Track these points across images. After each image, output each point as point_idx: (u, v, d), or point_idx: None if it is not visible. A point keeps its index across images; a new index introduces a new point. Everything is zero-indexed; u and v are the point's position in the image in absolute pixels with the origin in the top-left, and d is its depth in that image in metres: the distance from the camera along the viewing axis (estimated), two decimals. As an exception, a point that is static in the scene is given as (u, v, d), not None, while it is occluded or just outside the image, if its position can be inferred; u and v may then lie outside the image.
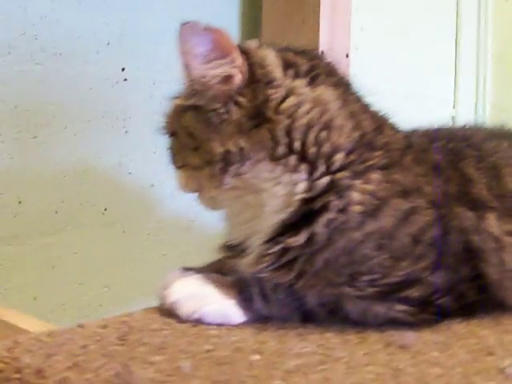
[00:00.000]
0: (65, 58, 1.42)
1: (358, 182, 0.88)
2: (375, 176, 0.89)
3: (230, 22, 1.70)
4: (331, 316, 0.89)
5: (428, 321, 0.89)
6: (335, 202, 0.87)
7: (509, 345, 0.85)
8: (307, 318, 0.90)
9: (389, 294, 0.88)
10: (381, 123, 0.95)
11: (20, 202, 1.38)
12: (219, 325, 0.89)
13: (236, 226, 1.00)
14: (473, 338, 0.87)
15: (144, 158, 1.54)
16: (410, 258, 0.89)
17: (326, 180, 0.89)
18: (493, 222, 0.95)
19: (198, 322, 0.89)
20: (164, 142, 1.53)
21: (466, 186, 0.97)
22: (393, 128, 0.98)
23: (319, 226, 0.87)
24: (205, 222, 1.62)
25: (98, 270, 1.48)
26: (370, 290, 0.87)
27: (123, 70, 1.50)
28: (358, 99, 0.98)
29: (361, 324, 0.89)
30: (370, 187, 0.88)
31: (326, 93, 0.92)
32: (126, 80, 1.50)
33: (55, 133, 1.41)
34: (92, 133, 1.46)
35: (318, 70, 0.95)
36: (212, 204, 1.01)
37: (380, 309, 0.88)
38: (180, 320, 0.90)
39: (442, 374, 0.74)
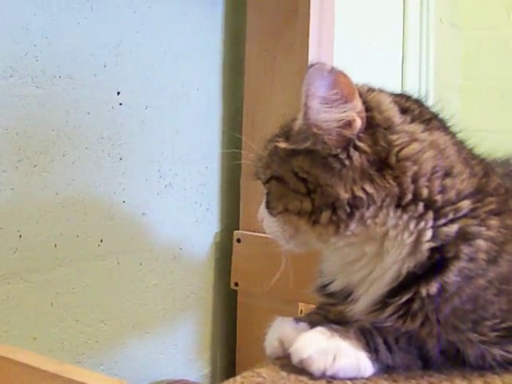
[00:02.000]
0: (64, 80, 1.33)
1: (483, 229, 0.89)
2: (494, 222, 0.90)
3: (211, 43, 1.67)
4: (450, 361, 0.91)
5: None
6: (465, 250, 0.88)
7: None
8: (426, 365, 0.91)
9: (506, 337, 0.91)
10: (486, 168, 0.97)
11: (20, 236, 1.28)
12: (351, 379, 0.88)
13: (343, 273, 0.98)
14: None
15: (136, 185, 1.48)
16: None
17: (455, 228, 0.89)
18: None
19: (331, 377, 0.87)
20: (155, 169, 1.50)
21: None
22: (491, 170, 1.00)
23: (451, 275, 0.87)
24: (191, 250, 1.60)
25: (94, 304, 1.40)
26: (492, 335, 0.90)
27: (118, 93, 1.43)
28: (462, 142, 0.99)
29: (475, 367, 0.91)
30: (492, 234, 0.89)
31: (441, 138, 0.92)
32: (121, 104, 1.43)
33: (54, 160, 1.32)
34: (89, 160, 1.38)
35: (428, 114, 0.96)
36: (303, 248, 1.01)
37: (498, 352, 0.90)
38: (312, 377, 0.88)
39: None
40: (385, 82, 2.27)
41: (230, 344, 1.71)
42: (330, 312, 1.02)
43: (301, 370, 0.90)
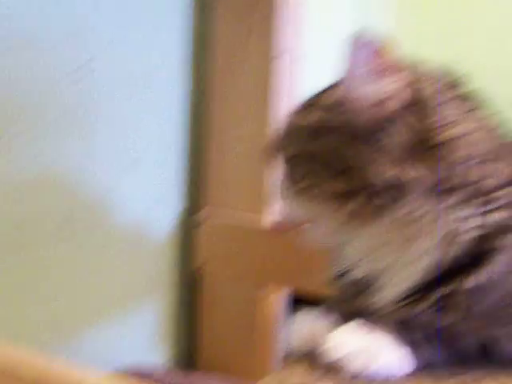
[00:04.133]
0: (26, 52, 1.23)
1: None
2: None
3: (178, 12, 1.58)
4: (484, 357, 0.88)
5: None
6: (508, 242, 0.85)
7: None
8: (465, 360, 0.88)
9: None
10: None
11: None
12: (390, 378, 0.84)
13: (365, 260, 0.93)
14: None
15: (101, 163, 1.40)
16: None
17: (500, 216, 0.85)
18: None
19: (367, 377, 0.83)
20: (121, 144, 1.42)
21: None
22: None
23: (500, 265, 0.84)
24: (156, 230, 1.54)
25: (56, 289, 1.33)
26: None
27: (85, 64, 1.33)
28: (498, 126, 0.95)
29: (506, 362, 0.88)
30: None
31: (484, 120, 0.89)
32: (87, 76, 1.34)
33: (17, 137, 1.23)
34: (51, 137, 1.29)
35: (472, 93, 0.91)
36: (326, 236, 0.94)
37: None
38: (346, 376, 0.83)
39: None
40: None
41: (193, 328, 1.66)
42: (352, 303, 0.97)
43: (335, 368, 0.85)
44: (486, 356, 0.88)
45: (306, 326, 0.93)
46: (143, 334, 1.56)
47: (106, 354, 1.46)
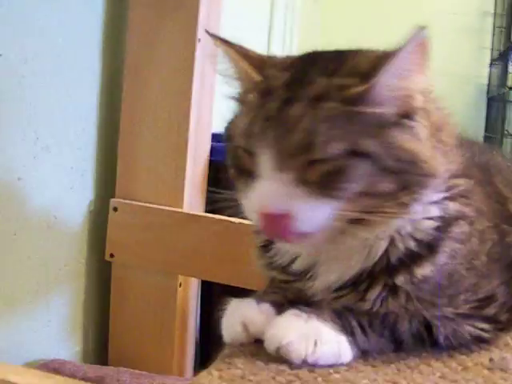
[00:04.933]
0: None
1: (467, 210, 0.91)
2: (471, 202, 0.92)
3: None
4: (421, 343, 0.90)
5: (495, 336, 0.95)
6: (456, 231, 0.89)
7: None
8: (398, 348, 0.90)
9: (475, 311, 0.92)
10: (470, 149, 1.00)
11: None
12: (331, 366, 0.84)
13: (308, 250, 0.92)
14: None
15: (11, 148, 1.34)
16: (488, 275, 0.94)
17: (452, 207, 0.90)
18: None
19: (311, 364, 0.82)
20: (32, 129, 1.36)
21: (503, 203, 1.04)
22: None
23: (443, 256, 0.88)
24: (66, 219, 1.48)
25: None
26: (466, 307, 0.91)
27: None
28: None
29: (445, 348, 0.91)
30: (470, 214, 0.91)
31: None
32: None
33: None
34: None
35: None
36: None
37: (468, 328, 0.91)
38: (292, 365, 0.82)
39: None
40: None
41: (104, 318, 1.62)
42: (288, 290, 0.96)
43: (275, 358, 0.83)
44: (422, 343, 0.90)
45: (238, 316, 0.91)
46: (55, 325, 1.50)
47: (17, 347, 1.40)
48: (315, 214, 0.80)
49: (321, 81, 0.82)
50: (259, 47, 2.44)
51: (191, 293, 1.62)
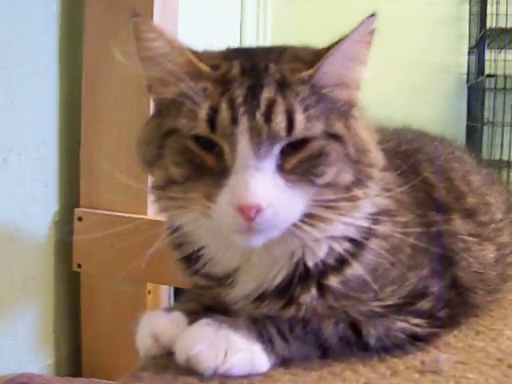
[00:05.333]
0: None
1: (390, 204, 0.92)
2: (388, 195, 0.92)
3: (49, 4, 1.53)
4: (349, 347, 0.89)
5: (433, 334, 0.94)
6: (381, 230, 0.89)
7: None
8: (325, 354, 0.88)
9: (406, 306, 0.91)
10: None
11: None
12: (246, 376, 0.82)
13: (227, 254, 0.92)
14: (477, 352, 0.95)
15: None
16: (414, 267, 0.94)
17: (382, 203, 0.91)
18: (458, 223, 1.04)
19: (223, 375, 0.80)
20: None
21: (429, 191, 1.04)
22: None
23: (369, 255, 0.89)
24: (30, 231, 1.47)
25: None
26: (392, 301, 0.90)
27: None
28: None
29: (376, 351, 0.89)
30: (392, 210, 0.92)
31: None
32: None
33: None
34: None
35: None
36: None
37: (400, 324, 0.90)
38: (202, 377, 0.80)
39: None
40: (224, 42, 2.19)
41: (74, 330, 1.61)
42: (203, 296, 0.95)
43: (187, 370, 0.81)
44: (350, 347, 0.89)
45: (148, 328, 0.90)
46: (22, 338, 1.49)
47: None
48: (292, 205, 0.79)
49: (273, 66, 0.82)
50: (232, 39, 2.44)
51: (162, 299, 1.61)
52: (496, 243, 1.09)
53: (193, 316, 0.89)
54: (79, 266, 1.57)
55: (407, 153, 1.08)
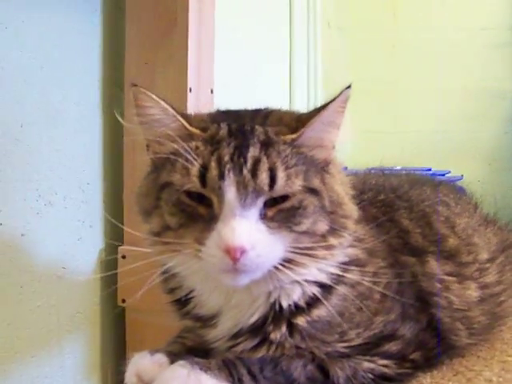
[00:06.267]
0: None
1: (361, 255, 1.00)
2: (360, 245, 0.99)
3: (91, 61, 1.64)
4: None
5: (404, 375, 0.98)
6: (349, 276, 0.96)
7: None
8: None
9: (372, 348, 0.96)
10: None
11: None
12: None
13: (214, 296, 0.98)
14: None
15: (14, 206, 1.43)
16: (382, 312, 0.99)
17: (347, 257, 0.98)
18: (434, 264, 1.08)
19: None
20: (33, 188, 1.46)
21: (404, 237, 1.08)
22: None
23: (335, 300, 0.95)
24: (75, 269, 1.56)
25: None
26: (358, 341, 0.95)
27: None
28: None
29: None
30: (361, 258, 0.99)
31: None
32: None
33: None
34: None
35: None
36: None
37: (368, 365, 0.95)
38: None
39: None
40: (273, 89, 2.30)
41: (120, 364, 1.68)
42: (187, 339, 1.03)
43: None
44: None
45: (133, 368, 1.00)
46: (69, 370, 1.59)
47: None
48: (273, 249, 0.88)
49: (259, 128, 0.90)
50: (281, 85, 2.49)
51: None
52: (480, 282, 1.12)
53: (175, 357, 0.96)
54: (124, 301, 1.65)
55: (385, 202, 1.15)
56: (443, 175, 2.27)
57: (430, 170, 2.32)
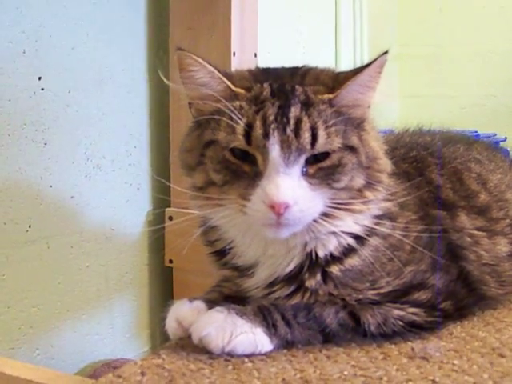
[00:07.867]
0: (-20, 69, 1.33)
1: (392, 208, 1.01)
2: (391, 198, 1.01)
3: (136, 26, 1.67)
4: (350, 334, 0.97)
5: (434, 324, 1.00)
6: (382, 229, 0.98)
7: (510, 343, 0.98)
8: (327, 339, 0.97)
9: (402, 296, 0.99)
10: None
11: None
12: (249, 356, 0.92)
13: (253, 246, 1.02)
14: (476, 341, 0.99)
15: (63, 169, 1.48)
16: (412, 262, 1.01)
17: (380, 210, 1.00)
18: (464, 219, 1.10)
19: (229, 354, 0.91)
20: (81, 151, 1.50)
21: (435, 192, 1.10)
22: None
23: (366, 251, 0.97)
24: (123, 230, 1.61)
25: (26, 290, 1.42)
26: (387, 289, 0.98)
27: (40, 79, 1.42)
28: None
29: (376, 338, 0.97)
30: (393, 212, 1.01)
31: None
32: (43, 89, 1.43)
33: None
34: (13, 147, 1.38)
35: None
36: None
37: (397, 312, 0.97)
38: (211, 355, 0.92)
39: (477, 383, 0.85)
40: (318, 50, 2.30)
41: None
42: (224, 287, 1.07)
43: (201, 349, 0.93)
44: (349, 334, 0.97)
45: (174, 314, 1.02)
46: (119, 328, 1.65)
47: (82, 351, 1.55)
48: (314, 204, 0.91)
49: (299, 88, 0.92)
50: (327, 47, 2.47)
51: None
52: (510, 238, 1.13)
53: (212, 304, 0.99)
54: (171, 261, 1.69)
55: (416, 158, 1.17)
56: (489, 138, 2.26)
57: (476, 132, 2.31)
